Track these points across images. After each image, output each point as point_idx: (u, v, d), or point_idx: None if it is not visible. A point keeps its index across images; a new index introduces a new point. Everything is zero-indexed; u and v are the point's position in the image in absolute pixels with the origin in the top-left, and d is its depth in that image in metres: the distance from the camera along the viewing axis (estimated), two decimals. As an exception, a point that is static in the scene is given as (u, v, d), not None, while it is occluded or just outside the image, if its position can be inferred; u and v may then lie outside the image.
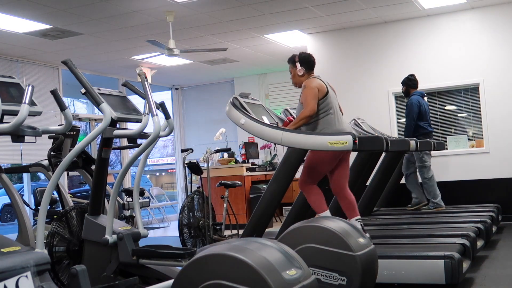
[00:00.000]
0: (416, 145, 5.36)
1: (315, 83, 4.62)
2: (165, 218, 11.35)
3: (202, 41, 8.60)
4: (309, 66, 4.78)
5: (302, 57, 4.79)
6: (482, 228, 5.34)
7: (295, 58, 4.79)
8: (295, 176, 4.96)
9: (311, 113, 4.49)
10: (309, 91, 4.56)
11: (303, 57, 4.79)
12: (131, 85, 3.80)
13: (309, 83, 4.62)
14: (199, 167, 6.83)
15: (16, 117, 2.84)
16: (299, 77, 4.76)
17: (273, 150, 10.46)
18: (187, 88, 12.53)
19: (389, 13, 7.85)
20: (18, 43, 8.01)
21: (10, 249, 2.70)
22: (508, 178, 7.49)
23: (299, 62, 4.76)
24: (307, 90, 4.57)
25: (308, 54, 4.86)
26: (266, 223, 4.91)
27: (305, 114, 4.50)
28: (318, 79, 4.71)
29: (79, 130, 5.02)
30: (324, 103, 4.59)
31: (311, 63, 4.81)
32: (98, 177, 3.60)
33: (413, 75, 7.26)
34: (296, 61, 4.77)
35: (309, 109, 4.48)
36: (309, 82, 4.64)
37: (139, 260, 3.36)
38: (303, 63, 4.76)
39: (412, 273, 4.01)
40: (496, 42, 7.69)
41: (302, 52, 4.88)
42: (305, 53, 4.88)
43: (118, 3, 6.64)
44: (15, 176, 12.45)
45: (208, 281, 2.40)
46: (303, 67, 4.74)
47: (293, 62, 4.81)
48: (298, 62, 4.76)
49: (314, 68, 4.83)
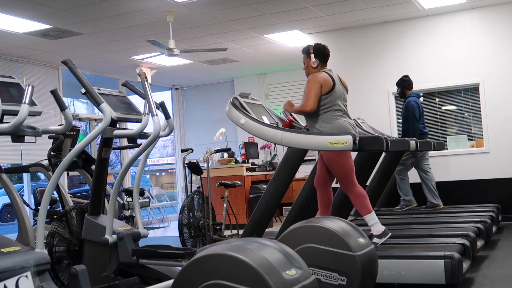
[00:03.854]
0: (416, 145, 5.36)
1: (321, 78, 4.54)
2: (165, 218, 11.34)
3: (202, 41, 8.60)
4: (323, 59, 4.69)
5: (317, 48, 4.69)
6: (482, 228, 5.34)
7: (310, 49, 4.69)
8: (295, 176, 4.96)
9: (311, 110, 4.49)
10: (312, 86, 4.51)
11: (318, 48, 4.69)
12: (131, 85, 3.80)
13: (314, 78, 4.54)
14: (199, 167, 6.83)
15: (16, 117, 2.84)
16: (312, 69, 4.68)
17: (273, 150, 10.47)
18: (187, 88, 12.53)
19: (389, 13, 7.84)
20: (18, 43, 8.01)
21: (10, 249, 2.70)
22: (508, 178, 7.49)
23: (313, 54, 4.67)
24: (310, 85, 4.52)
25: (323, 46, 4.74)
26: (266, 223, 4.91)
27: (304, 109, 4.52)
28: (326, 73, 4.61)
29: (79, 130, 5.02)
30: (328, 99, 4.52)
31: (325, 55, 4.71)
32: (98, 177, 3.60)
33: (407, 76, 7.23)
34: (310, 53, 4.68)
35: (309, 108, 4.47)
36: (315, 76, 4.56)
37: (139, 260, 3.36)
38: (318, 55, 4.67)
39: (412, 273, 4.01)
40: (496, 42, 7.69)
41: (318, 44, 4.76)
42: (320, 44, 4.76)
43: (118, 3, 6.64)
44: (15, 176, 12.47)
45: (208, 281, 2.40)
46: (317, 59, 4.66)
47: (307, 53, 4.71)
48: (312, 54, 4.67)
49: (327, 61, 4.74)
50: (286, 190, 4.89)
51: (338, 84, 4.64)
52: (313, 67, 4.67)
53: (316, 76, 4.56)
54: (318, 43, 4.80)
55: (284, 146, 4.36)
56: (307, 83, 4.57)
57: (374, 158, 6.29)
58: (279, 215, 9.48)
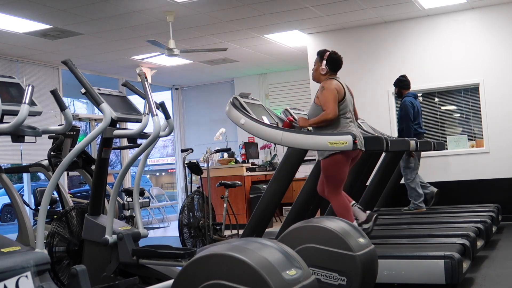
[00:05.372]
0: (416, 145, 5.36)
1: (334, 85, 4.55)
2: (165, 218, 11.34)
3: (202, 41, 8.60)
4: (334, 68, 4.70)
5: (331, 57, 4.69)
6: (482, 228, 5.34)
7: (324, 55, 4.69)
8: (295, 176, 4.96)
9: (334, 116, 4.45)
10: (329, 93, 4.50)
11: (332, 57, 4.69)
12: (131, 85, 3.80)
13: (329, 85, 4.55)
14: (199, 167, 6.83)
15: (16, 117, 2.84)
16: (320, 75, 4.70)
17: (273, 150, 10.46)
18: (187, 88, 12.54)
19: (389, 13, 7.84)
20: (18, 43, 8.01)
21: (10, 249, 2.70)
22: (508, 178, 7.49)
23: (326, 60, 4.67)
24: (327, 92, 4.51)
25: (338, 56, 4.73)
26: (266, 223, 4.91)
27: (326, 117, 4.46)
28: (337, 80, 4.63)
29: (79, 130, 5.02)
30: (342, 106, 4.55)
31: (337, 66, 4.72)
32: (98, 177, 3.60)
33: (405, 75, 7.21)
34: (324, 58, 4.68)
35: (332, 114, 4.43)
36: (328, 83, 4.57)
37: (139, 260, 3.36)
38: (330, 63, 4.67)
39: (412, 273, 4.01)
40: (496, 42, 7.69)
41: (334, 52, 4.75)
42: (336, 54, 4.74)
43: (118, 3, 6.64)
44: (15, 176, 12.46)
45: (208, 281, 2.40)
46: (327, 67, 4.66)
47: (321, 57, 4.72)
48: (325, 60, 4.67)
49: (338, 71, 4.74)
50: (286, 190, 4.89)
51: (347, 93, 4.67)
52: (321, 73, 4.70)
53: (329, 82, 4.58)
54: (335, 51, 4.77)
55: (284, 146, 4.36)
56: (322, 91, 4.56)
57: (374, 158, 6.30)
58: (279, 215, 9.48)
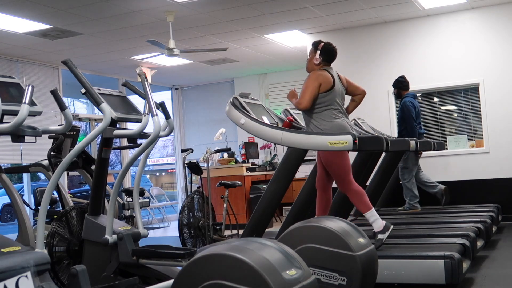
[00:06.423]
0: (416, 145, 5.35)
1: (321, 76, 4.54)
2: (165, 218, 11.35)
3: (202, 41, 8.60)
4: (328, 58, 4.68)
5: (325, 48, 4.68)
6: (482, 228, 5.34)
7: (319, 45, 4.68)
8: (295, 176, 4.96)
9: (304, 108, 4.54)
10: (310, 83, 4.53)
11: (326, 48, 4.68)
12: (131, 85, 3.80)
13: (315, 77, 4.55)
14: (199, 167, 6.83)
15: (16, 117, 2.84)
16: (314, 65, 4.68)
17: (273, 150, 10.47)
18: (187, 88, 12.53)
19: (389, 13, 7.84)
20: (18, 43, 8.01)
21: (10, 249, 2.70)
22: (508, 178, 7.49)
23: (320, 51, 4.66)
24: (309, 82, 4.54)
25: (332, 47, 4.72)
26: (266, 223, 4.91)
27: (297, 106, 4.60)
28: (327, 72, 4.62)
29: (79, 130, 5.02)
30: (327, 97, 4.53)
31: (331, 56, 4.70)
32: (98, 177, 3.60)
33: (403, 76, 7.20)
34: (318, 48, 4.67)
35: (303, 105, 4.51)
36: (315, 74, 4.57)
37: (139, 260, 3.37)
38: (324, 53, 4.66)
39: (412, 273, 4.01)
40: (496, 42, 7.69)
41: (329, 43, 4.74)
42: (331, 45, 4.73)
43: (118, 3, 6.64)
44: (15, 176, 12.45)
45: (208, 281, 2.40)
46: (321, 57, 4.65)
47: (315, 47, 4.70)
48: (319, 50, 4.66)
49: (332, 62, 4.73)
50: (286, 190, 4.89)
51: (338, 83, 4.65)
52: (315, 63, 4.67)
53: (316, 74, 4.57)
54: (329, 42, 4.77)
55: (284, 146, 4.36)
56: (306, 79, 4.59)
57: (374, 158, 6.30)
58: (279, 215, 9.48)
